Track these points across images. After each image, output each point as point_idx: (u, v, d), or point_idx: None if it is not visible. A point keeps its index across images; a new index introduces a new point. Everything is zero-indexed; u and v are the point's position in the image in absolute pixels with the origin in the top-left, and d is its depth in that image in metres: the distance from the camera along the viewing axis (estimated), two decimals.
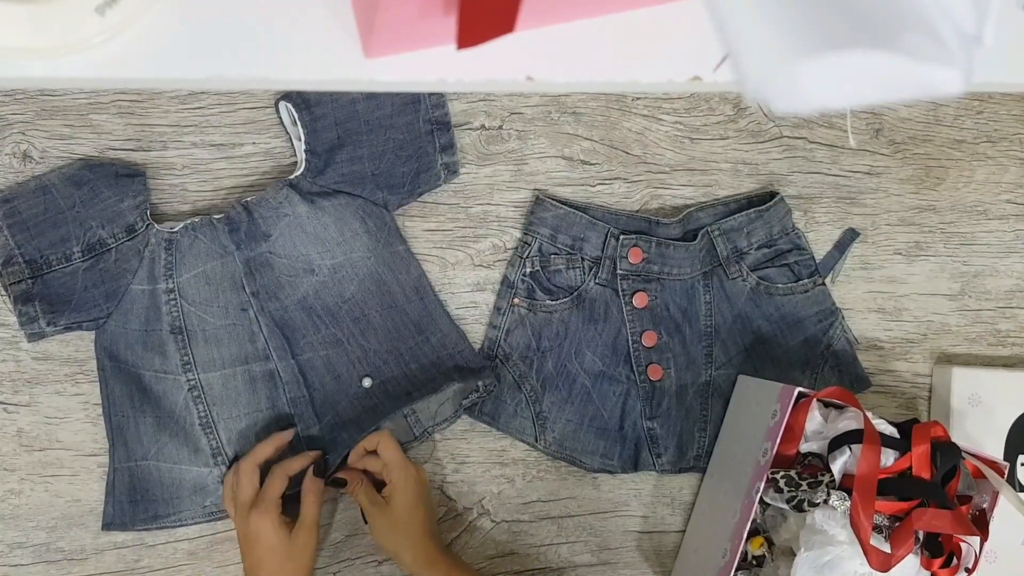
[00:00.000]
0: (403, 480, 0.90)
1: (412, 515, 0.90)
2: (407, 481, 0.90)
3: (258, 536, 0.85)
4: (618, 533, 1.03)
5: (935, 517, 0.85)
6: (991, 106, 1.10)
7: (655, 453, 1.02)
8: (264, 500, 0.86)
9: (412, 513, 0.90)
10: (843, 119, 1.06)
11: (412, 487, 0.90)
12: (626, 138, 1.03)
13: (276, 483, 0.87)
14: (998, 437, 1.04)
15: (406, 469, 0.90)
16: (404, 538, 0.90)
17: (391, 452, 0.91)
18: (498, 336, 1.00)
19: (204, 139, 0.96)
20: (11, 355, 0.94)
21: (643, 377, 1.01)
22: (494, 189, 1.01)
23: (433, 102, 0.97)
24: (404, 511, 0.89)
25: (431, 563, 0.89)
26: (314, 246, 0.95)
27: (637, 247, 1.00)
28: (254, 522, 0.85)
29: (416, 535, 0.90)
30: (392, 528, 0.90)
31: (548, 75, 0.52)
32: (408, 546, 0.90)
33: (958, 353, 1.09)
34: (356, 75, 0.50)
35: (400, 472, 0.90)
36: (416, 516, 0.90)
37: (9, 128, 0.93)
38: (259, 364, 0.95)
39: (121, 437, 0.93)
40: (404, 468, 0.90)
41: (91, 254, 0.91)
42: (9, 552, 0.94)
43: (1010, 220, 1.10)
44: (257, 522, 0.85)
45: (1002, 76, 0.55)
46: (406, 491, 0.89)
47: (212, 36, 0.48)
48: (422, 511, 0.90)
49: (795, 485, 0.87)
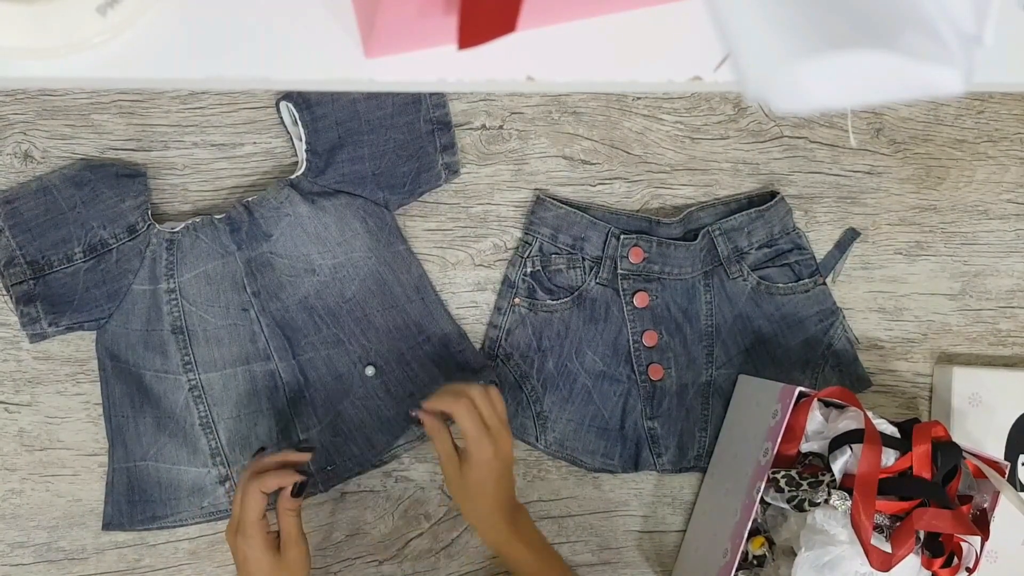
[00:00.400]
0: (478, 453, 0.86)
1: (481, 488, 0.87)
2: (481, 455, 0.86)
3: (246, 560, 0.83)
4: (619, 533, 1.03)
5: (936, 517, 0.85)
6: (992, 106, 1.10)
7: (656, 453, 1.02)
8: (245, 524, 0.82)
9: (481, 487, 0.87)
10: (844, 119, 1.06)
11: (485, 463, 0.86)
12: (627, 138, 1.03)
13: (253, 504, 0.83)
14: (999, 437, 1.04)
15: (481, 442, 0.86)
16: (470, 504, 0.88)
17: (469, 423, 0.86)
18: (499, 336, 1.00)
19: (205, 139, 0.96)
20: (12, 355, 0.94)
21: (644, 377, 1.01)
22: (495, 189, 1.01)
23: (434, 102, 0.97)
24: (474, 482, 0.87)
25: (496, 532, 0.88)
26: (315, 246, 0.95)
27: (638, 247, 1.00)
28: (240, 547, 0.83)
29: (483, 508, 0.88)
30: (461, 490, 0.88)
31: (549, 75, 0.52)
32: (473, 512, 0.88)
33: (959, 353, 1.09)
34: (357, 75, 0.50)
35: (475, 445, 0.86)
36: (485, 489, 0.87)
37: (10, 128, 0.93)
38: (260, 364, 0.95)
39: (120, 437, 0.93)
40: (479, 442, 0.86)
41: (92, 254, 0.91)
42: (10, 552, 0.94)
43: (1011, 220, 1.10)
44: (243, 547, 0.82)
45: (1002, 76, 0.55)
46: (479, 465, 0.86)
47: (213, 36, 0.48)
48: (491, 486, 0.87)
49: (796, 485, 0.87)
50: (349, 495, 0.98)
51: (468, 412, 0.86)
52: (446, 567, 1.00)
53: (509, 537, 0.88)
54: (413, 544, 1.00)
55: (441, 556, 1.00)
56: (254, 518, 0.83)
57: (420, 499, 1.00)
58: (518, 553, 0.89)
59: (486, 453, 0.86)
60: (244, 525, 0.82)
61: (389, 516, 1.00)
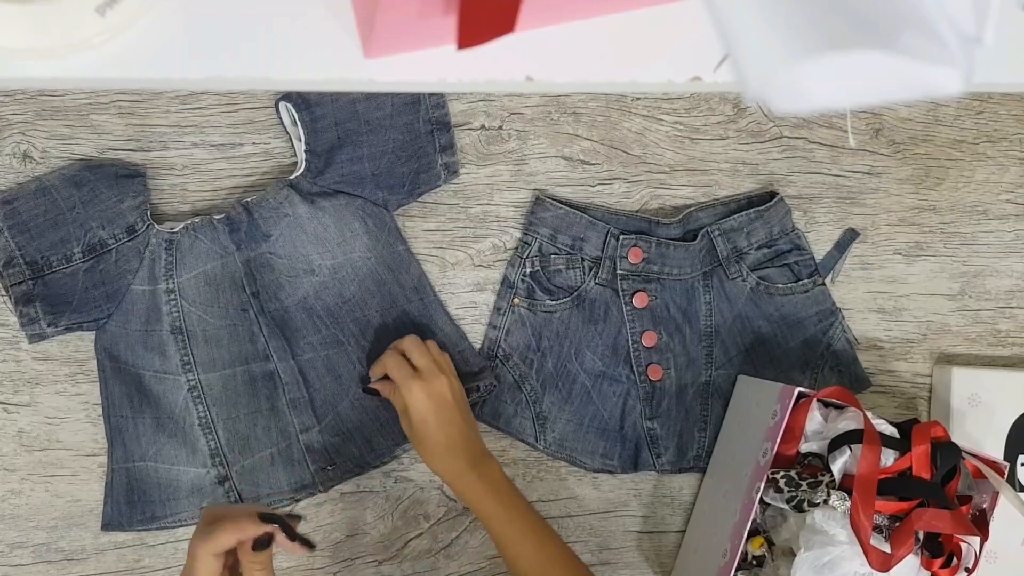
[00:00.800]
0: (408, 396, 0.88)
1: (424, 429, 0.88)
2: (411, 397, 0.88)
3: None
4: (618, 533, 1.03)
5: (935, 517, 0.85)
6: (991, 106, 1.10)
7: (655, 453, 1.02)
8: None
9: (424, 428, 0.88)
10: (843, 119, 1.06)
11: (420, 403, 0.88)
12: (626, 138, 1.03)
13: (207, 568, 0.67)
14: (998, 437, 1.04)
15: (408, 384, 0.88)
16: (422, 449, 0.89)
17: (395, 371, 0.90)
18: (498, 336, 1.00)
19: (204, 139, 0.96)
20: (11, 355, 0.94)
21: (643, 377, 1.01)
22: (494, 189, 1.01)
23: (433, 102, 0.97)
24: (417, 425, 0.88)
25: (456, 476, 0.89)
26: (314, 246, 0.95)
27: (637, 247, 1.00)
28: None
29: (434, 450, 0.89)
30: (413, 440, 0.90)
31: (548, 75, 0.52)
32: (429, 457, 0.89)
33: (958, 353, 1.09)
34: (356, 75, 0.50)
35: (404, 390, 0.88)
36: (428, 430, 0.88)
37: (9, 128, 0.93)
38: (259, 364, 0.95)
39: (120, 438, 0.93)
40: (406, 385, 0.89)
41: (91, 255, 0.91)
42: (9, 552, 0.94)
43: (1010, 220, 1.10)
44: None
45: (1002, 76, 0.55)
46: (414, 407, 0.88)
47: (212, 36, 0.48)
48: (433, 425, 0.88)
49: (795, 485, 0.87)
50: (348, 495, 0.98)
51: (394, 362, 0.90)
52: (445, 567, 1.00)
53: (471, 482, 0.88)
54: (412, 544, 1.00)
55: (440, 556, 1.00)
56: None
57: (419, 499, 1.00)
58: (483, 503, 0.88)
59: (417, 394, 0.88)
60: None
61: (388, 516, 1.00)
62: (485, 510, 0.88)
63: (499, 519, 0.88)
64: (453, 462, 0.88)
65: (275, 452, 0.95)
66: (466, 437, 0.90)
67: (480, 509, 0.88)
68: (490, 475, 0.89)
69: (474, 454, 0.89)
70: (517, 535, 0.88)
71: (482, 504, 0.88)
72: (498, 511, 0.88)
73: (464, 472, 0.88)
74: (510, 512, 0.88)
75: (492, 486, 0.89)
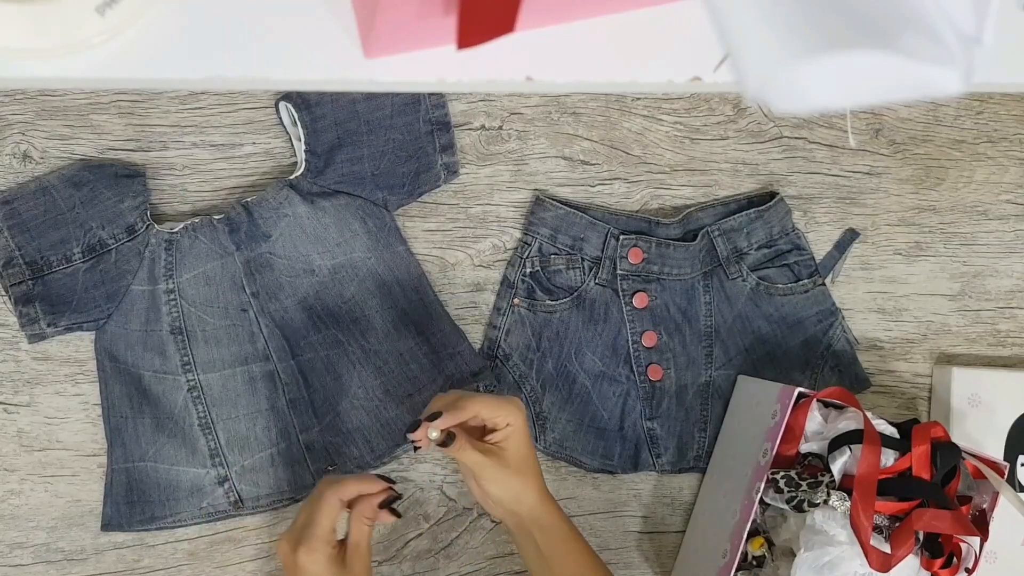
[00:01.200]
0: (514, 416, 0.79)
1: (531, 450, 0.81)
2: (517, 416, 0.80)
3: (305, 574, 0.75)
4: (618, 533, 1.03)
5: (935, 517, 0.85)
6: (991, 106, 1.10)
7: (655, 453, 1.02)
8: (312, 536, 0.75)
9: (531, 448, 0.81)
10: (843, 119, 1.06)
11: (522, 421, 0.80)
12: (626, 138, 1.03)
13: (327, 512, 0.76)
14: (998, 437, 1.04)
15: (507, 406, 0.79)
16: (527, 477, 0.81)
17: (480, 402, 0.79)
18: (498, 336, 1.00)
19: (204, 139, 0.96)
20: (11, 355, 0.94)
21: (643, 377, 1.01)
22: (494, 189, 1.01)
23: (433, 102, 0.97)
24: (524, 448, 0.80)
25: (548, 497, 0.83)
26: (314, 246, 0.95)
27: (637, 247, 1.00)
28: (300, 560, 0.75)
29: (536, 471, 0.82)
30: (514, 472, 0.79)
31: (548, 75, 0.52)
32: (532, 486, 0.81)
33: (958, 353, 1.09)
34: (356, 75, 0.50)
35: (505, 411, 0.79)
36: (534, 450, 0.82)
37: (9, 128, 0.93)
38: (259, 365, 0.95)
39: (119, 438, 0.93)
40: (505, 406, 0.79)
41: (91, 255, 0.91)
42: (9, 552, 0.94)
43: (1010, 220, 1.10)
44: (304, 560, 0.75)
45: (1002, 76, 0.55)
46: (522, 428, 0.80)
47: (212, 36, 0.48)
48: (531, 451, 0.82)
49: (795, 485, 0.87)
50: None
51: (469, 400, 0.79)
52: (445, 568, 1.00)
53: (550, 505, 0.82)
54: (412, 545, 1.00)
55: (440, 557, 1.00)
56: (325, 529, 0.75)
57: (419, 499, 1.00)
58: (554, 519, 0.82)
59: (516, 408, 0.79)
60: (311, 537, 0.75)
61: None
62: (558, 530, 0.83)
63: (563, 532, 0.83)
64: (541, 490, 0.83)
65: (275, 452, 0.95)
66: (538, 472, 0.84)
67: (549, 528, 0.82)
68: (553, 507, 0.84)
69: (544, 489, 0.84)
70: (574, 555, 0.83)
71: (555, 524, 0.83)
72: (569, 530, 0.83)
73: (545, 496, 0.83)
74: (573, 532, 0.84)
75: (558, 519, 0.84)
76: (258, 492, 0.95)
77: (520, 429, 0.80)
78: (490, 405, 0.79)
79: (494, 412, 0.79)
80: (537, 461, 0.83)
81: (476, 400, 0.79)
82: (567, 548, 0.83)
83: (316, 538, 0.75)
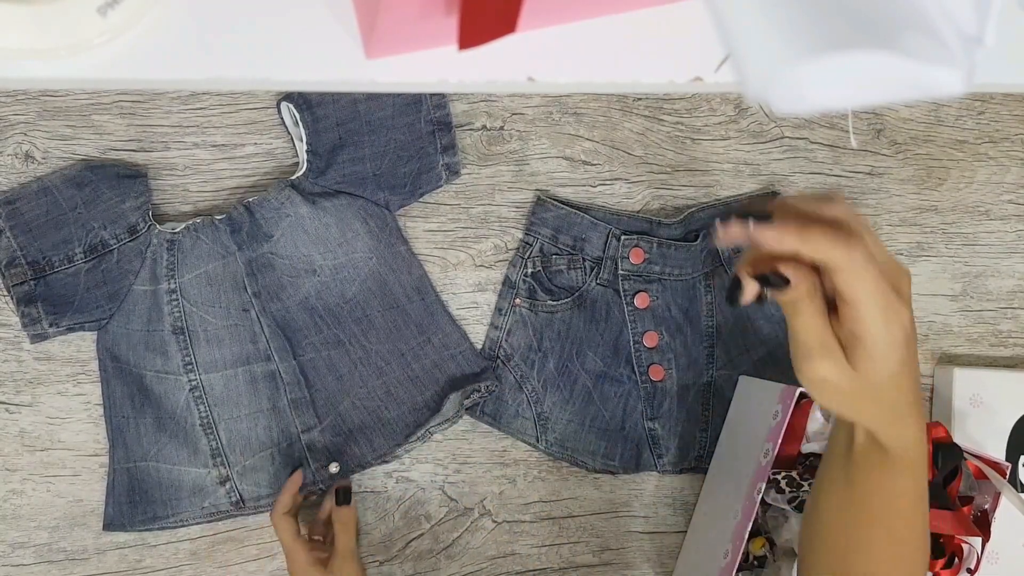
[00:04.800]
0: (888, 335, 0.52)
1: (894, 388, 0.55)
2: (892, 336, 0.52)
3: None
4: (619, 534, 1.03)
5: (937, 518, 0.85)
6: (992, 106, 1.10)
7: (656, 454, 1.02)
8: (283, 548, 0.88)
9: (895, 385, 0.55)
10: (844, 120, 1.06)
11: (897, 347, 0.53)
12: (627, 139, 1.03)
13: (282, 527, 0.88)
14: (1000, 438, 1.04)
15: (891, 314, 0.51)
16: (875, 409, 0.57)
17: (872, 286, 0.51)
18: (499, 336, 1.00)
19: (206, 140, 0.96)
20: (13, 355, 0.94)
21: (644, 378, 1.01)
22: (495, 190, 1.01)
23: (434, 103, 0.97)
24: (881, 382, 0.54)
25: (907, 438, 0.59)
26: (316, 246, 0.95)
27: (638, 247, 1.00)
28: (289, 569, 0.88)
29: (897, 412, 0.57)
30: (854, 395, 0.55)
31: (549, 76, 0.52)
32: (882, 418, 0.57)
33: (960, 354, 1.09)
34: (357, 76, 0.50)
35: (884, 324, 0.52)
36: (900, 388, 0.55)
37: (11, 129, 0.93)
38: (260, 365, 0.95)
39: (121, 438, 0.93)
40: (889, 314, 0.51)
41: (93, 255, 0.91)
42: (11, 552, 0.94)
43: (1011, 220, 1.10)
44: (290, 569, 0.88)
45: (1003, 76, 0.55)
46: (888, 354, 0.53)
47: (214, 37, 0.48)
48: (907, 381, 0.55)
49: (796, 486, 0.87)
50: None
51: (869, 273, 0.51)
52: (446, 568, 1.00)
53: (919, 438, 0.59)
54: (414, 545, 1.00)
55: (442, 557, 1.00)
56: (288, 540, 0.87)
57: (421, 500, 1.00)
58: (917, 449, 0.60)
59: (897, 333, 0.52)
60: (284, 549, 0.88)
61: (390, 517, 1.00)
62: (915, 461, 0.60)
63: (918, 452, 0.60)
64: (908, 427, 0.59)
65: (276, 452, 0.95)
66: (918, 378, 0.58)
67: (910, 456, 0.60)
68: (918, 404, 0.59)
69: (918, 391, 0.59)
70: None
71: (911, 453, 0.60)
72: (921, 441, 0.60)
73: (916, 434, 0.59)
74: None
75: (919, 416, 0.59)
76: (259, 492, 0.95)
77: (889, 347, 0.52)
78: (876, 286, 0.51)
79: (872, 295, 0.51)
80: (916, 402, 0.58)
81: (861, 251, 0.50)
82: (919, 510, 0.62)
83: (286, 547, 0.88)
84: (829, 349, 0.53)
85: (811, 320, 0.52)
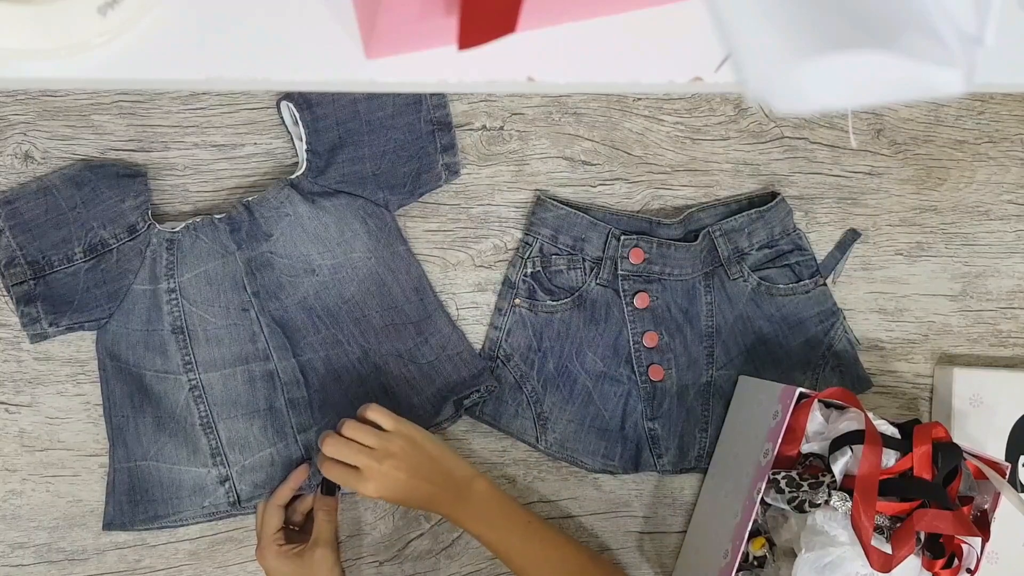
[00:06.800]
0: (375, 491, 0.86)
1: (404, 501, 0.87)
2: (377, 489, 0.86)
3: (268, 572, 0.90)
4: (619, 534, 1.03)
5: (936, 518, 0.85)
6: (992, 106, 1.10)
7: (656, 454, 1.02)
8: (260, 539, 0.91)
9: (403, 501, 0.87)
10: (844, 119, 1.06)
11: (385, 490, 0.86)
12: (627, 139, 1.03)
13: (267, 519, 0.91)
14: (999, 438, 1.04)
15: (364, 485, 0.86)
16: (409, 503, 0.89)
17: (336, 472, 0.87)
18: (499, 337, 1.00)
19: (205, 139, 0.96)
20: (13, 355, 0.94)
21: (644, 378, 1.01)
22: (495, 190, 1.01)
23: (434, 103, 0.97)
24: (399, 502, 0.88)
25: (449, 512, 0.89)
26: (315, 246, 0.95)
27: (638, 247, 1.00)
28: (262, 562, 0.90)
29: (422, 507, 0.90)
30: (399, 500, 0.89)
31: (549, 76, 0.52)
32: (426, 508, 0.90)
33: (959, 354, 1.09)
34: (357, 75, 0.50)
35: (363, 489, 0.86)
36: (407, 499, 0.87)
37: (11, 129, 0.93)
38: (259, 364, 0.95)
39: (121, 437, 0.93)
40: (363, 485, 0.86)
41: (93, 254, 0.91)
42: (11, 552, 0.94)
43: (1011, 220, 1.10)
44: (263, 561, 0.90)
45: (1003, 76, 0.55)
46: (387, 495, 0.87)
47: (214, 37, 0.48)
48: (407, 494, 0.87)
49: (796, 486, 0.87)
50: (349, 495, 0.98)
51: (344, 450, 0.86)
52: (446, 568, 1.00)
53: (461, 516, 0.88)
54: (413, 545, 1.00)
55: (441, 557, 1.00)
56: (267, 532, 0.91)
57: None
58: (475, 531, 0.89)
59: (380, 482, 0.85)
60: (260, 540, 0.91)
61: (389, 517, 1.00)
62: (479, 535, 0.89)
63: (490, 544, 0.89)
64: (444, 506, 0.88)
65: (274, 452, 0.95)
66: (443, 478, 0.88)
67: (478, 536, 0.90)
68: (476, 502, 0.89)
69: (455, 487, 0.88)
70: (518, 546, 0.89)
71: (472, 530, 0.89)
72: (485, 535, 0.89)
73: (452, 508, 0.88)
74: (495, 532, 0.89)
75: (476, 513, 0.89)
76: (258, 492, 0.95)
77: (382, 497, 0.87)
78: (338, 472, 0.87)
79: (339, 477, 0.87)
80: (431, 495, 0.88)
81: (327, 463, 0.88)
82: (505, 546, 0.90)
83: (263, 539, 0.91)
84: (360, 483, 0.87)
85: None
